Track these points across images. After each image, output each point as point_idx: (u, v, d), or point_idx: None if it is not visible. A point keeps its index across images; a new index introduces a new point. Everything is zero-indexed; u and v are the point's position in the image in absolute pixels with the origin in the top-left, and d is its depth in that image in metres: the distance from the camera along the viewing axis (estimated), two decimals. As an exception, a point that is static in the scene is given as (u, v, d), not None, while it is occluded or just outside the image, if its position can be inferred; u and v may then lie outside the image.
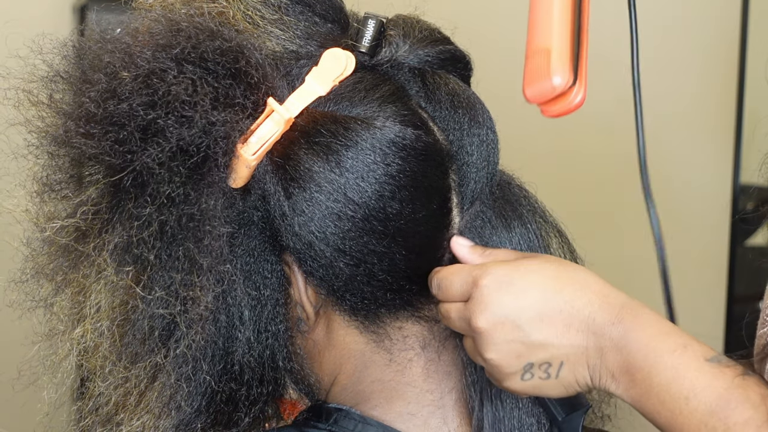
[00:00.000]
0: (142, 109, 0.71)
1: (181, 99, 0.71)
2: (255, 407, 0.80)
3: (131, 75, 0.71)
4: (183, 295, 0.72)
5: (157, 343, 0.74)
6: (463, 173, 0.82)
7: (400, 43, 0.83)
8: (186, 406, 0.76)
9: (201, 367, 0.76)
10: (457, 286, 0.77)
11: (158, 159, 0.71)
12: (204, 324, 0.75)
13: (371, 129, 0.78)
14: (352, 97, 0.79)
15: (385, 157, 0.77)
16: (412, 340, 0.82)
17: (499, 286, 0.75)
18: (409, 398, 0.83)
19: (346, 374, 0.83)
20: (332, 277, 0.79)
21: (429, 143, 0.79)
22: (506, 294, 0.75)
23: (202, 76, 0.73)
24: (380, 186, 0.77)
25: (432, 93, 0.82)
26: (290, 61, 0.81)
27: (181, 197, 0.72)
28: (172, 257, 0.72)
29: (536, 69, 0.76)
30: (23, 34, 0.80)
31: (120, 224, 0.72)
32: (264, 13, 0.80)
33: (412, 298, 0.81)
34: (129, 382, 0.75)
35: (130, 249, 0.72)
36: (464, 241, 0.81)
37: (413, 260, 0.79)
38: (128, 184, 0.71)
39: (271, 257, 0.80)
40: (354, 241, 0.77)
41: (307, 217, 0.77)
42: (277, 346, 0.81)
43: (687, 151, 1.41)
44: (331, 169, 0.77)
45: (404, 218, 0.78)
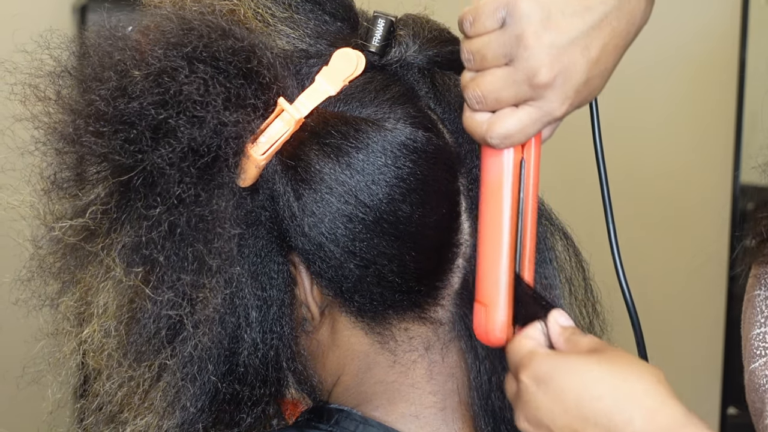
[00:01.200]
0: (153, 109, 0.70)
1: (192, 99, 0.70)
2: (257, 407, 0.80)
3: (142, 73, 0.71)
4: (191, 296, 0.72)
5: (163, 343, 0.73)
6: (472, 177, 0.81)
7: (409, 43, 0.83)
8: (190, 405, 0.75)
9: (206, 367, 0.75)
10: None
11: (169, 159, 0.70)
12: (211, 325, 0.74)
13: (382, 131, 0.77)
14: (363, 98, 0.79)
15: (396, 159, 0.77)
16: (416, 342, 0.82)
17: (537, 384, 0.70)
18: (411, 400, 0.82)
19: (349, 375, 0.83)
20: (341, 279, 0.78)
21: (439, 146, 0.79)
22: (543, 395, 0.69)
23: (214, 75, 0.72)
24: (391, 189, 0.76)
25: (441, 94, 0.82)
26: (300, 60, 0.80)
27: (192, 198, 0.71)
28: (181, 258, 0.71)
29: (479, 315, 0.78)
30: (30, 29, 0.79)
31: (129, 224, 0.72)
32: (274, 11, 0.80)
33: (420, 299, 0.81)
34: (134, 381, 0.75)
35: (139, 249, 0.71)
36: (562, 318, 0.74)
37: (423, 262, 0.79)
38: (138, 183, 0.71)
39: (277, 257, 0.80)
40: (364, 243, 0.77)
41: (318, 218, 0.77)
42: (281, 347, 0.80)
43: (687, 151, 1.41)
44: (342, 170, 0.76)
45: (415, 222, 0.77)
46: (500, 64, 0.73)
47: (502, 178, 0.76)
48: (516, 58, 0.72)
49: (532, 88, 0.72)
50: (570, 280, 0.86)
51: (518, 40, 0.72)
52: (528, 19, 0.71)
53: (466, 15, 0.75)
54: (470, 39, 0.75)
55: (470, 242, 0.81)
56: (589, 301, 0.89)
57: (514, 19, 0.72)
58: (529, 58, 0.71)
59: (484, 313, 0.77)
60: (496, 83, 0.73)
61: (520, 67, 0.72)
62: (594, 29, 0.73)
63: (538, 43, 0.71)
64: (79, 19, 2.21)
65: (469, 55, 0.75)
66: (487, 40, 0.73)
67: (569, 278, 0.86)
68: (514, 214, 0.77)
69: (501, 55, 0.73)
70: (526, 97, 0.73)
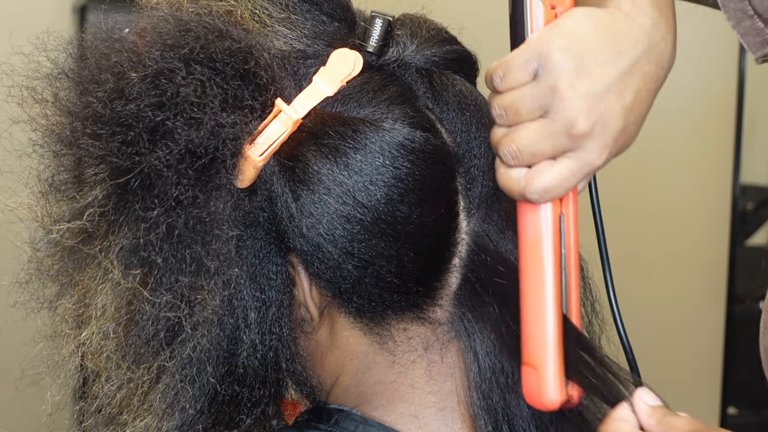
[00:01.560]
0: (150, 111, 0.70)
1: (190, 100, 0.70)
2: (257, 408, 0.80)
3: (139, 75, 0.71)
4: (189, 298, 0.72)
5: (162, 344, 0.73)
6: (470, 177, 0.81)
7: (407, 42, 0.83)
8: (189, 407, 0.75)
9: (205, 369, 0.75)
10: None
11: (166, 161, 0.70)
12: (210, 327, 0.74)
13: (380, 131, 0.77)
14: (360, 98, 0.79)
15: (394, 159, 0.77)
16: (415, 342, 0.82)
17: None
18: (411, 400, 0.82)
19: (348, 375, 0.83)
20: (340, 279, 0.78)
21: (437, 146, 0.79)
22: None
23: (211, 77, 0.72)
24: (389, 189, 0.76)
25: (439, 94, 0.82)
26: (298, 60, 0.80)
27: (189, 200, 0.71)
28: (179, 260, 0.71)
29: (528, 378, 0.76)
30: (27, 32, 0.79)
31: (127, 226, 0.71)
32: (271, 11, 0.80)
33: (419, 299, 0.81)
34: (132, 383, 0.75)
35: (137, 251, 0.71)
36: (649, 397, 0.73)
37: (421, 263, 0.79)
38: (135, 185, 0.71)
39: (276, 258, 0.80)
40: (362, 244, 0.77)
41: (316, 219, 0.76)
42: (280, 348, 0.80)
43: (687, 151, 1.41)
44: (339, 171, 0.76)
45: (413, 222, 0.77)
46: (535, 117, 0.72)
47: (541, 235, 0.75)
48: (552, 110, 0.71)
49: (571, 138, 0.71)
50: None
51: (553, 91, 0.70)
52: (561, 69, 0.70)
53: (495, 70, 0.73)
54: (501, 94, 0.73)
55: (467, 241, 0.81)
56: (588, 300, 0.89)
57: (547, 71, 0.71)
58: (565, 108, 0.70)
59: (535, 376, 0.75)
60: (532, 137, 0.71)
61: (556, 118, 0.70)
62: (627, 75, 0.72)
63: (574, 92, 0.70)
64: (79, 20, 2.21)
65: (500, 111, 0.73)
66: (520, 94, 0.72)
67: None
68: (557, 271, 0.75)
69: (536, 108, 0.71)
70: (564, 148, 0.71)
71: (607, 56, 0.71)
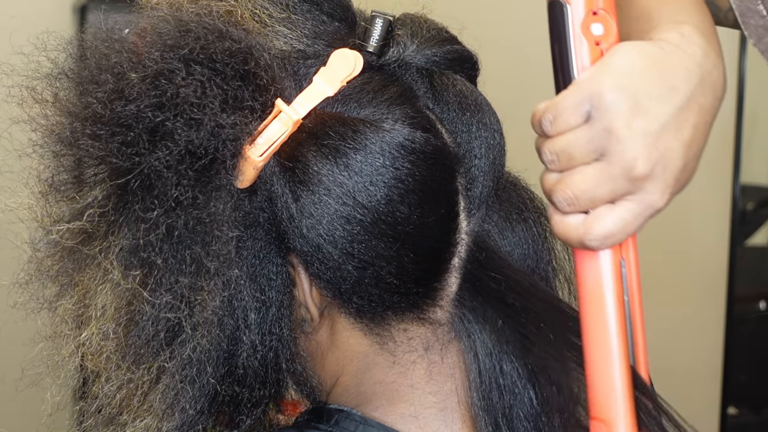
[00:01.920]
0: (150, 111, 0.70)
1: (189, 101, 0.70)
2: (257, 409, 0.80)
3: (139, 76, 0.71)
4: (189, 299, 0.72)
5: (161, 345, 0.73)
6: (470, 177, 0.81)
7: (408, 42, 0.83)
8: (189, 408, 0.75)
9: (205, 369, 0.75)
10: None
11: (166, 161, 0.70)
12: (210, 327, 0.74)
13: (380, 131, 0.77)
14: (360, 99, 0.79)
15: (394, 160, 0.76)
16: (416, 342, 0.82)
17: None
18: (411, 400, 0.82)
19: (348, 375, 0.83)
20: (340, 280, 0.78)
21: (438, 146, 0.79)
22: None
23: (211, 77, 0.72)
24: (389, 190, 0.76)
25: (440, 94, 0.82)
26: (298, 60, 0.80)
27: (189, 200, 0.71)
28: (179, 260, 0.71)
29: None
30: (27, 31, 0.79)
31: (127, 227, 0.71)
32: (271, 11, 0.79)
33: (419, 300, 0.81)
34: (132, 383, 0.75)
35: (136, 252, 0.71)
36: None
37: (421, 263, 0.79)
38: (135, 186, 0.71)
39: (276, 259, 0.79)
40: (363, 245, 0.77)
41: (316, 219, 0.76)
42: (281, 348, 0.80)
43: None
44: (340, 171, 0.76)
45: (413, 222, 0.77)
46: (590, 160, 0.68)
47: (603, 283, 0.71)
48: (608, 153, 0.68)
49: (631, 181, 0.68)
50: (569, 280, 0.86)
51: (608, 133, 0.67)
52: (616, 109, 0.67)
53: (543, 113, 0.70)
54: (551, 138, 0.70)
55: (467, 241, 0.81)
56: None
57: (600, 112, 0.68)
58: (623, 150, 0.67)
59: (605, 431, 0.72)
60: (589, 181, 0.68)
61: (614, 161, 0.67)
62: (683, 110, 0.69)
63: (631, 133, 0.67)
64: (79, 20, 2.20)
65: (552, 156, 0.70)
66: (573, 138, 0.69)
67: (568, 278, 0.86)
68: (622, 321, 0.71)
69: (591, 152, 0.68)
70: (624, 192, 0.68)
71: (661, 92, 0.68)
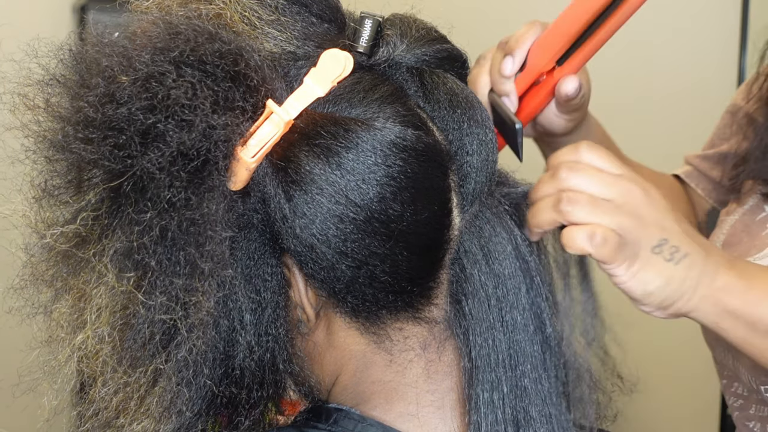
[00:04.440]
0: (142, 114, 0.70)
1: (181, 103, 0.70)
2: (255, 410, 0.80)
3: (130, 79, 0.71)
4: (184, 301, 0.72)
5: (158, 347, 0.73)
6: (462, 173, 0.81)
7: (397, 42, 0.83)
8: (187, 410, 0.75)
9: (202, 371, 0.75)
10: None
11: (158, 163, 0.70)
12: (205, 329, 0.74)
13: (371, 130, 0.77)
14: (351, 98, 0.79)
15: (386, 158, 0.77)
16: (412, 341, 0.82)
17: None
18: (409, 399, 0.82)
19: (346, 375, 0.83)
20: (334, 280, 0.78)
21: (429, 144, 0.79)
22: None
23: (202, 79, 0.72)
24: (381, 188, 0.76)
25: (430, 93, 0.82)
26: (288, 62, 0.80)
27: (182, 202, 0.71)
28: (173, 262, 0.71)
29: None
30: (18, 38, 0.79)
31: (120, 229, 0.71)
32: (261, 14, 0.80)
33: (413, 299, 0.81)
34: (130, 386, 0.75)
35: (130, 254, 0.71)
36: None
37: (415, 262, 0.79)
38: (128, 189, 0.71)
39: (271, 260, 0.80)
40: (356, 244, 0.77)
41: (309, 219, 0.77)
42: (277, 349, 0.80)
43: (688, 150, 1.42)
44: (332, 170, 0.76)
45: (406, 220, 0.77)
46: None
47: None
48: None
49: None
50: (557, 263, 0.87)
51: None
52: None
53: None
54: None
55: (458, 238, 0.82)
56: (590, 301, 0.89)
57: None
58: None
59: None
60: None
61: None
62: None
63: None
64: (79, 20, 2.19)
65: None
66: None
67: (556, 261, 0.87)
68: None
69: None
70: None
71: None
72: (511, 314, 0.82)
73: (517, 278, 0.82)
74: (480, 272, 0.81)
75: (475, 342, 0.80)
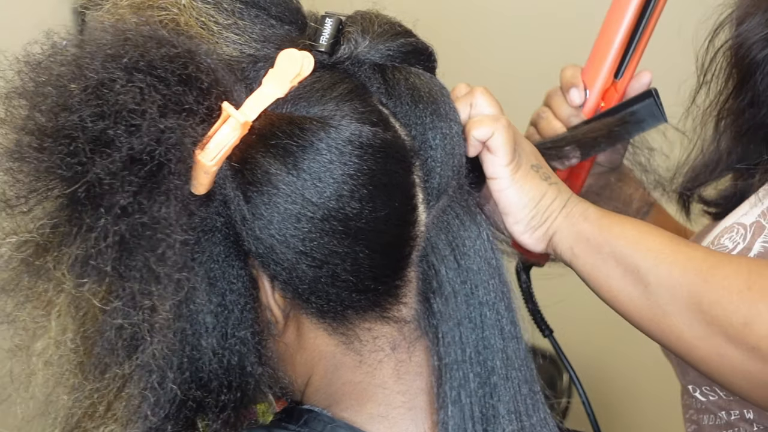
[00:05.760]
0: (92, 120, 0.70)
1: (128, 108, 0.70)
2: (223, 413, 0.79)
3: (80, 86, 0.71)
4: (141, 305, 0.72)
5: (119, 353, 0.73)
6: (427, 168, 0.80)
7: (359, 39, 0.82)
8: (152, 414, 0.75)
9: (167, 375, 0.75)
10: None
11: (109, 169, 0.70)
12: (167, 333, 0.74)
13: (327, 128, 0.77)
14: (309, 97, 0.79)
15: (341, 156, 0.76)
16: (381, 341, 0.81)
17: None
18: (379, 400, 0.82)
19: (318, 376, 0.83)
20: (296, 280, 0.78)
21: (387, 140, 0.78)
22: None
23: (152, 83, 0.71)
24: (338, 186, 0.76)
25: (392, 88, 0.81)
26: (248, 65, 0.80)
27: (135, 207, 0.71)
28: (129, 267, 0.71)
29: None
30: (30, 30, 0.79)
31: (78, 237, 0.71)
32: (218, 18, 0.79)
33: (380, 298, 0.80)
34: (95, 392, 0.75)
35: (87, 261, 0.71)
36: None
37: (378, 260, 0.78)
38: (83, 196, 0.71)
39: (236, 262, 0.79)
40: (315, 243, 0.76)
41: (267, 220, 0.76)
42: (245, 352, 0.80)
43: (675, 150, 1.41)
44: (288, 170, 0.76)
45: (365, 217, 0.77)
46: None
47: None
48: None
49: None
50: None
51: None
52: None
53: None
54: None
55: (426, 235, 0.81)
56: None
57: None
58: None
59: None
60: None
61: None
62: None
63: None
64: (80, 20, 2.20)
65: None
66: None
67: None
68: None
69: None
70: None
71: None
72: (480, 310, 0.81)
73: (487, 273, 0.81)
74: (448, 268, 0.80)
75: (443, 339, 0.80)
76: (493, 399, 0.80)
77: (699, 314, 0.83)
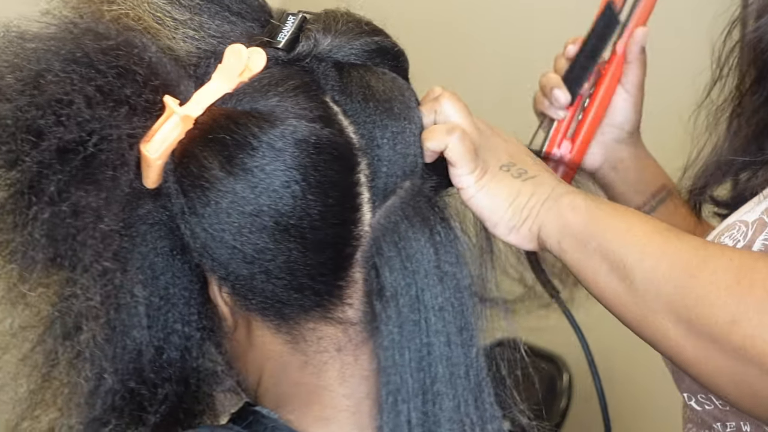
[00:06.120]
0: (25, 111, 0.72)
1: (56, 98, 0.71)
2: (163, 407, 0.79)
3: (16, 76, 0.73)
4: (65, 293, 0.73)
5: (53, 340, 0.74)
6: (374, 168, 0.78)
7: (319, 37, 0.81)
8: (86, 403, 0.76)
9: (102, 365, 0.76)
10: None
11: (39, 159, 0.71)
12: (99, 322, 0.75)
13: (262, 123, 0.76)
14: (254, 93, 0.78)
15: (274, 151, 0.75)
16: (326, 342, 0.80)
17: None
18: (325, 402, 0.80)
19: (267, 375, 0.82)
20: (232, 276, 0.77)
21: (324, 136, 0.76)
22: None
23: (87, 75, 0.73)
24: (270, 181, 0.75)
25: (345, 86, 0.80)
26: (205, 60, 0.80)
27: (64, 196, 0.72)
28: (55, 255, 0.72)
29: None
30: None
31: (14, 224, 0.73)
32: (174, 14, 0.80)
33: (321, 298, 0.78)
34: (40, 379, 0.76)
35: (18, 248, 0.73)
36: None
37: (313, 258, 0.77)
38: (20, 185, 0.72)
39: (181, 257, 0.79)
40: (245, 238, 0.75)
41: (200, 214, 0.76)
42: (189, 347, 0.80)
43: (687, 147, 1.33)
44: (221, 165, 0.75)
45: (297, 215, 0.75)
46: None
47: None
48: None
49: None
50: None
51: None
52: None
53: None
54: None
55: (371, 235, 0.78)
56: None
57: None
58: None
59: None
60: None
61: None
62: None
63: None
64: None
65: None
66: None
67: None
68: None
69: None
70: None
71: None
72: (425, 315, 0.77)
73: (435, 278, 0.78)
74: (392, 270, 0.77)
75: (382, 341, 0.77)
76: (435, 407, 0.77)
77: (684, 311, 0.77)
